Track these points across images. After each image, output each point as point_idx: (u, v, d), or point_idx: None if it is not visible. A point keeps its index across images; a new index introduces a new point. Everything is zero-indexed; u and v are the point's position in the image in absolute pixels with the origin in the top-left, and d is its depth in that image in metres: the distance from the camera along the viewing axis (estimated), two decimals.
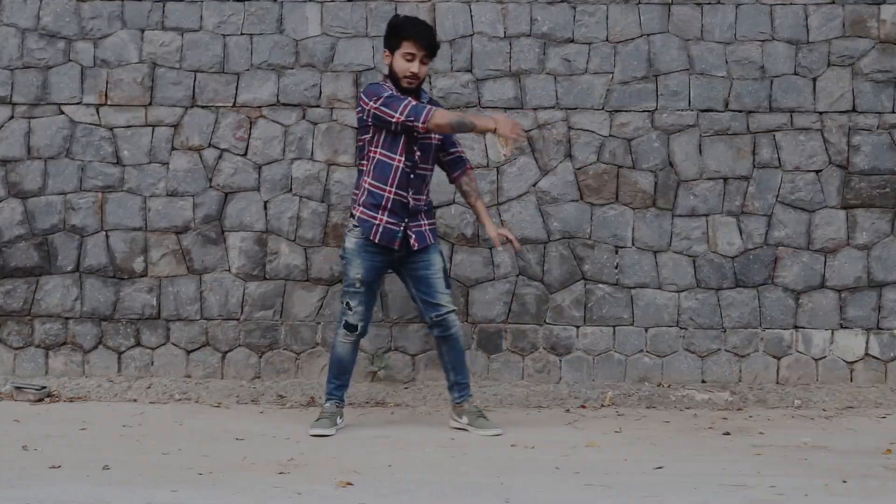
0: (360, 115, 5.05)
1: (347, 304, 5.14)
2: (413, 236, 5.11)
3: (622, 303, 6.10)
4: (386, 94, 4.96)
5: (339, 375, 5.26)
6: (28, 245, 6.16)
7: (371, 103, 4.97)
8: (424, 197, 5.19)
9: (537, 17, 6.13)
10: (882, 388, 6.02)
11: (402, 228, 5.08)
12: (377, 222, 5.06)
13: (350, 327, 5.16)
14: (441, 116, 4.92)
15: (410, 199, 5.09)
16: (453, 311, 5.19)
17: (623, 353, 6.11)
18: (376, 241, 5.06)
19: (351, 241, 5.11)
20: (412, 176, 5.08)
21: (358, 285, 5.12)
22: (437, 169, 5.32)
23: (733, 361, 6.09)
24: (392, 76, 5.07)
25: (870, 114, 6.08)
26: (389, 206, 5.06)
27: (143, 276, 6.14)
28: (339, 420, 5.23)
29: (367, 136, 5.08)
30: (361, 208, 5.09)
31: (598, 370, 6.11)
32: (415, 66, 5.01)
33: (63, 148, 6.16)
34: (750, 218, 6.10)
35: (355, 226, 5.10)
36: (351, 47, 6.13)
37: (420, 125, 4.92)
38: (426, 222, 5.19)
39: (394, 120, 4.92)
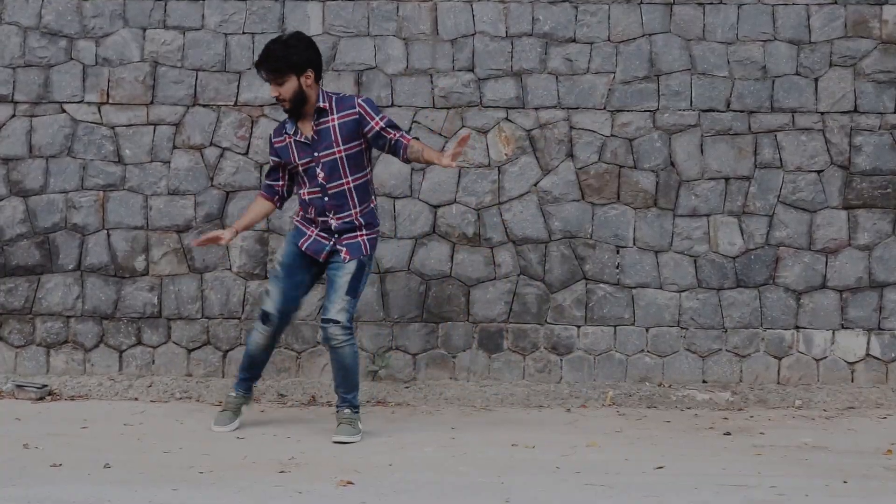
0: None
1: (267, 289, 5.20)
2: (344, 249, 5.04)
3: (623, 303, 6.10)
4: None
5: (249, 368, 5.27)
6: (29, 243, 6.16)
7: None
8: (354, 212, 5.04)
9: (539, 16, 6.13)
10: (883, 389, 6.02)
11: (331, 243, 5.06)
12: (309, 233, 5.11)
13: (263, 315, 5.13)
14: None
15: (333, 221, 5.05)
16: (335, 320, 4.95)
17: (624, 353, 6.11)
18: (303, 249, 5.10)
19: (292, 226, 5.27)
20: (326, 199, 5.04)
21: (278, 268, 5.17)
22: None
23: (734, 361, 6.09)
24: None
25: (871, 114, 6.08)
26: (319, 226, 5.11)
27: (144, 274, 6.15)
28: (244, 409, 5.27)
29: None
30: (297, 218, 5.22)
31: (598, 370, 6.11)
32: (273, 91, 5.01)
33: (64, 146, 6.17)
34: (751, 218, 6.10)
35: (297, 214, 5.24)
36: (352, 47, 6.14)
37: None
38: (364, 233, 5.07)
39: None
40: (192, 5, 6.16)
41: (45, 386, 5.91)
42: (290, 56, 4.95)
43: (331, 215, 5.04)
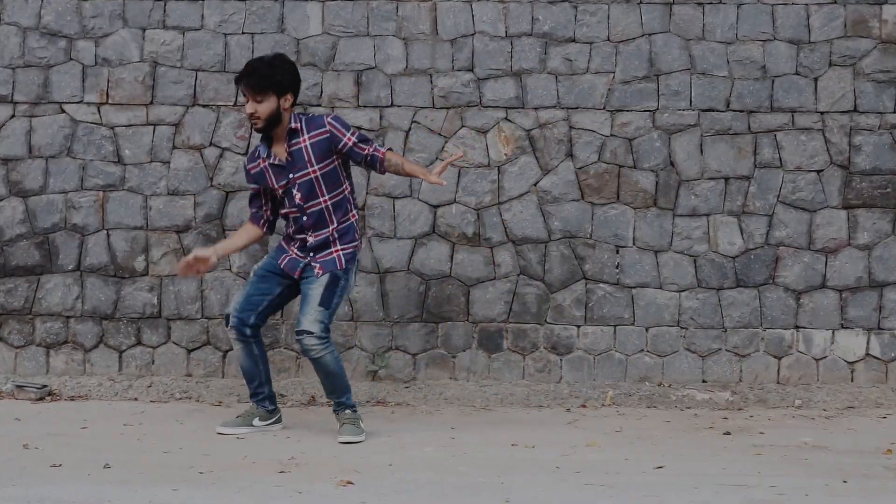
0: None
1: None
2: (318, 266, 5.02)
3: (623, 302, 6.10)
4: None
5: (247, 383, 5.26)
6: (29, 244, 6.16)
7: None
8: (332, 228, 5.04)
9: (538, 16, 6.13)
10: (883, 388, 6.02)
11: (306, 261, 5.06)
12: (288, 252, 5.12)
13: (225, 318, 5.17)
14: None
15: (310, 238, 5.05)
16: (308, 331, 4.91)
17: (624, 353, 6.11)
18: (282, 266, 5.09)
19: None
20: (304, 218, 5.04)
21: (251, 275, 5.20)
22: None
23: (734, 361, 6.09)
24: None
25: (871, 114, 6.08)
26: (297, 244, 5.11)
27: (143, 274, 6.15)
28: (256, 421, 5.20)
29: None
30: (282, 235, 5.23)
31: (598, 370, 6.11)
32: (250, 107, 4.95)
33: (64, 147, 6.16)
34: (751, 218, 6.10)
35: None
36: (352, 46, 6.14)
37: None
38: (339, 247, 5.06)
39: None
40: (191, 5, 6.16)
41: (45, 386, 5.91)
42: (274, 75, 4.93)
43: (309, 233, 5.04)
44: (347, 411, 5.07)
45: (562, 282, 6.11)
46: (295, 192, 5.00)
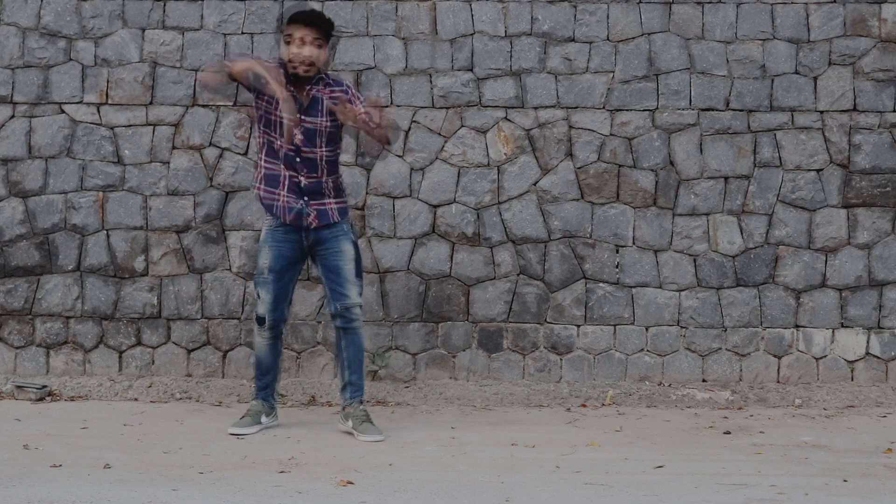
0: None
1: (257, 293, 5.19)
2: (312, 213, 5.05)
3: (623, 302, 6.10)
4: None
5: (261, 376, 5.25)
6: (29, 244, 6.16)
7: None
8: (325, 179, 5.08)
9: (538, 15, 6.13)
10: (883, 388, 6.02)
11: (300, 206, 5.05)
12: (278, 200, 5.08)
13: (259, 319, 5.16)
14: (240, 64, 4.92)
15: (303, 179, 5.05)
16: (359, 304, 5.11)
17: (624, 353, 6.11)
18: (289, 222, 5.06)
19: (263, 230, 5.18)
20: (298, 159, 5.03)
21: (266, 274, 5.12)
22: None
23: (734, 360, 6.09)
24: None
25: (871, 113, 6.08)
26: (287, 187, 5.08)
27: (143, 275, 6.15)
28: (263, 419, 5.19)
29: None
30: (260, 187, 5.11)
31: (598, 369, 6.11)
32: (308, 51, 4.94)
33: (64, 147, 6.17)
34: (751, 217, 6.10)
35: (267, 218, 5.15)
36: (351, 46, 6.14)
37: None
38: (332, 201, 5.11)
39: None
40: (190, 6, 6.16)
41: (45, 386, 5.91)
42: (331, 31, 5.06)
43: (301, 173, 5.04)
44: (360, 405, 5.12)
45: (562, 281, 6.12)
46: (298, 131, 4.99)
